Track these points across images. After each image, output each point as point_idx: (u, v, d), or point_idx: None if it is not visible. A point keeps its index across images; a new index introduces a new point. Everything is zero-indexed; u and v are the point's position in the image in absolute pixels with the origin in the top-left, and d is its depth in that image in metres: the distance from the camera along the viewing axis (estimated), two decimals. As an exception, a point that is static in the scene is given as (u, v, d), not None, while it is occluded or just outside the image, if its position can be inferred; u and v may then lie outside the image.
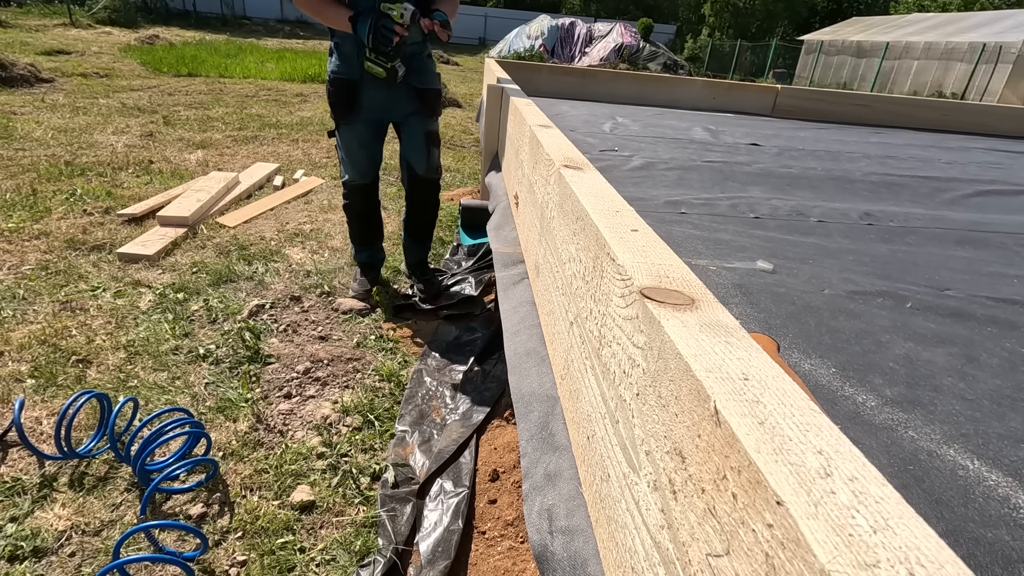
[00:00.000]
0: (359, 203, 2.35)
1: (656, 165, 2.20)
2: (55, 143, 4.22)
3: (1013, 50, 14.92)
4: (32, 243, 2.62)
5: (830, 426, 0.34)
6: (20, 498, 1.36)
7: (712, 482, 0.36)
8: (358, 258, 2.53)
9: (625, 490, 0.53)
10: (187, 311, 2.20)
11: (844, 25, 23.39)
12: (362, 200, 2.34)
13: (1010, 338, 1.06)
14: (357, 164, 2.22)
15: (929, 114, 4.08)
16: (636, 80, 4.11)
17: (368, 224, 2.43)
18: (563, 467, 0.77)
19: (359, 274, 2.51)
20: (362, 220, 2.40)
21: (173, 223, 2.90)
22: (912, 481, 0.68)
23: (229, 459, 1.53)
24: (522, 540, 1.32)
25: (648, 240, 0.62)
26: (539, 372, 0.97)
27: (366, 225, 2.43)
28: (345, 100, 2.07)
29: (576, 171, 0.89)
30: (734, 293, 1.16)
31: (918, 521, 0.27)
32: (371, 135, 2.19)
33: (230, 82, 8.11)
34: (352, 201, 2.33)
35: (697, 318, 0.46)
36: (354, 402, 1.79)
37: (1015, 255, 1.54)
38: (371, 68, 1.94)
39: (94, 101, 5.86)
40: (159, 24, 16.52)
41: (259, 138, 4.99)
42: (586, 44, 17.93)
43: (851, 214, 1.79)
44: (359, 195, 2.32)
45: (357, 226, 2.42)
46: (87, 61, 8.65)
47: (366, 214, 2.40)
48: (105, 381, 1.77)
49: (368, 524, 1.38)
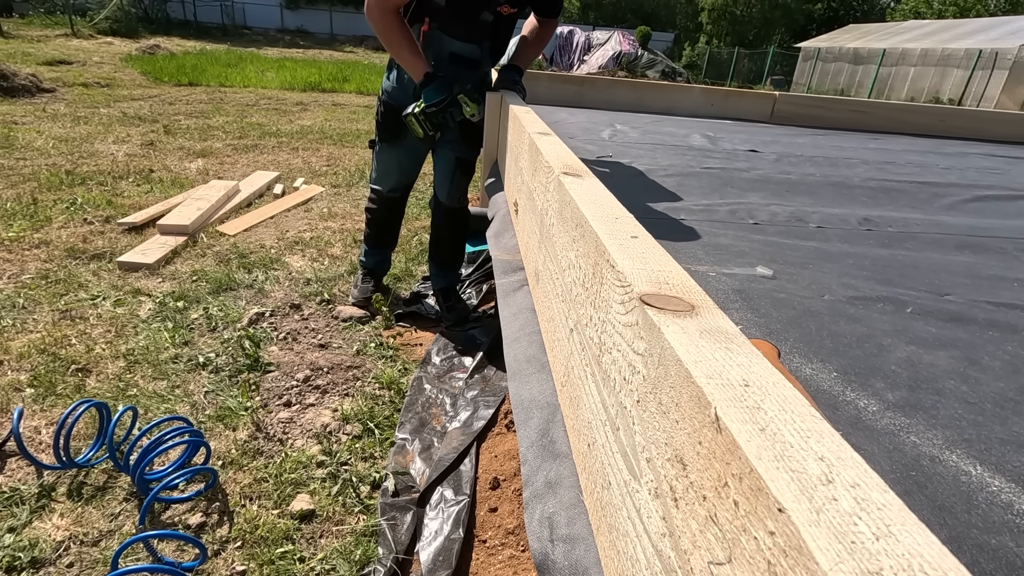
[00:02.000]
0: (384, 211, 2.34)
1: (655, 171, 2.20)
2: (56, 152, 4.23)
3: (1009, 56, 15.01)
4: (32, 252, 2.63)
5: (831, 432, 0.34)
6: (18, 508, 1.35)
7: (713, 489, 0.36)
8: (366, 262, 2.48)
9: (626, 498, 0.53)
10: (187, 319, 2.20)
11: (841, 32, 23.55)
12: (388, 210, 2.34)
13: (1011, 342, 1.06)
14: (391, 178, 2.23)
15: (926, 120, 4.09)
16: (634, 87, 4.13)
17: (387, 230, 2.41)
18: (564, 474, 0.77)
19: (360, 280, 2.47)
20: (382, 226, 2.39)
21: (173, 231, 2.91)
22: (914, 487, 0.67)
23: (228, 468, 1.53)
24: (523, 549, 1.31)
25: (647, 247, 0.62)
26: (539, 379, 0.97)
27: (384, 230, 2.41)
28: (393, 125, 2.05)
29: (575, 178, 0.90)
30: (734, 299, 1.16)
31: (921, 528, 0.27)
32: (412, 158, 2.20)
33: (230, 91, 8.15)
34: (378, 207, 2.33)
35: (697, 324, 0.46)
36: (354, 410, 1.78)
37: (1014, 259, 1.54)
38: (412, 125, 1.89)
39: (95, 111, 5.89)
40: (160, 34, 16.64)
41: (259, 147, 5.01)
42: (584, 52, 18.03)
43: (850, 219, 1.80)
44: (386, 205, 2.32)
45: (375, 230, 2.39)
46: (88, 71, 8.70)
47: (389, 222, 2.39)
48: (104, 390, 1.77)
49: (368, 533, 1.37)
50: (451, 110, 1.84)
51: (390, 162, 2.19)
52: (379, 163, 2.22)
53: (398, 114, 1.98)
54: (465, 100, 1.84)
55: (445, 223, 2.30)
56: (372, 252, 2.45)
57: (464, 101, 1.84)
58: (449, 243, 2.37)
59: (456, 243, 2.39)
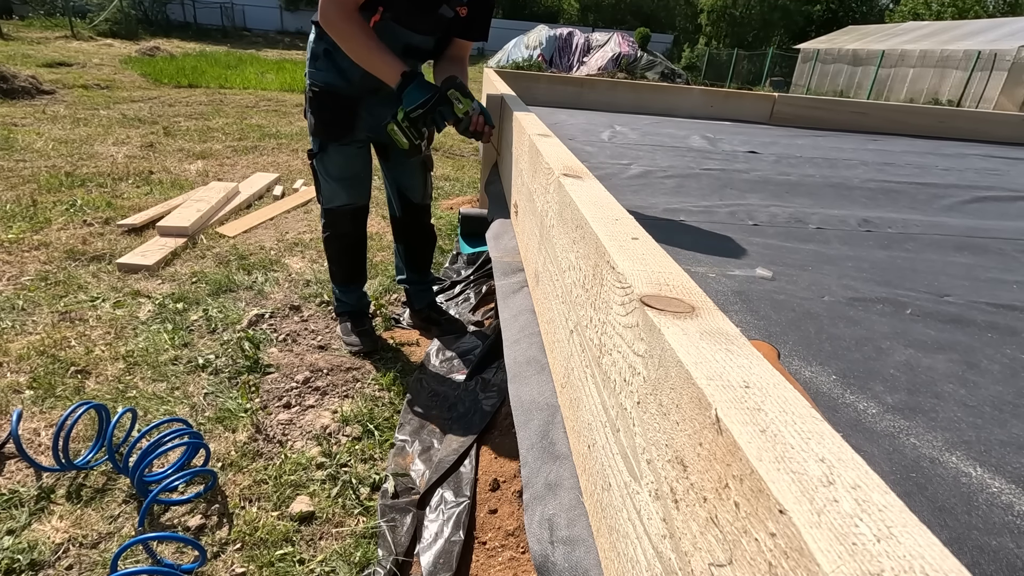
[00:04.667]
0: (351, 229, 2.00)
1: (655, 173, 2.21)
2: (56, 154, 4.23)
3: (1008, 57, 15.05)
4: (32, 254, 2.62)
5: (832, 434, 0.34)
6: (17, 510, 1.35)
7: (714, 491, 0.36)
8: (343, 305, 2.15)
9: (627, 499, 0.53)
10: (186, 321, 2.20)
11: (840, 33, 23.59)
12: (354, 225, 2.01)
13: (1011, 344, 1.06)
14: (353, 184, 1.92)
15: (926, 121, 4.10)
16: (634, 89, 4.14)
17: (358, 256, 2.09)
18: (564, 476, 0.76)
19: (350, 328, 2.15)
20: (352, 252, 2.06)
21: (173, 233, 2.91)
22: (915, 489, 0.67)
23: (228, 470, 1.53)
24: (523, 550, 1.31)
25: (648, 248, 0.62)
26: (539, 380, 0.97)
27: (355, 257, 2.08)
28: (343, 117, 1.79)
29: (575, 179, 0.90)
30: (734, 300, 1.16)
31: (922, 529, 0.27)
32: (364, 156, 1.91)
33: (230, 93, 8.16)
34: (342, 229, 1.99)
35: (697, 326, 0.46)
36: (354, 411, 1.78)
37: (1014, 261, 1.55)
38: (395, 135, 1.63)
39: (95, 112, 5.89)
40: (160, 36, 16.66)
41: (259, 148, 5.01)
42: (584, 54, 18.06)
43: (850, 221, 1.80)
44: (350, 220, 1.98)
45: (347, 260, 2.07)
46: (88, 73, 8.70)
47: (357, 244, 2.06)
48: (104, 392, 1.77)
49: (368, 535, 1.37)
50: (440, 109, 1.59)
51: (342, 168, 1.86)
52: (328, 173, 1.86)
53: (345, 102, 1.75)
54: (457, 96, 1.60)
55: (416, 221, 2.13)
56: (348, 289, 2.14)
57: (456, 97, 1.60)
58: (425, 241, 2.20)
59: (432, 238, 2.23)
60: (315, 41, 1.75)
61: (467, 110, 1.61)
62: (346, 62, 1.68)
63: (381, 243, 3.11)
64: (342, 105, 1.78)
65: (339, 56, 1.69)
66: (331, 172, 1.87)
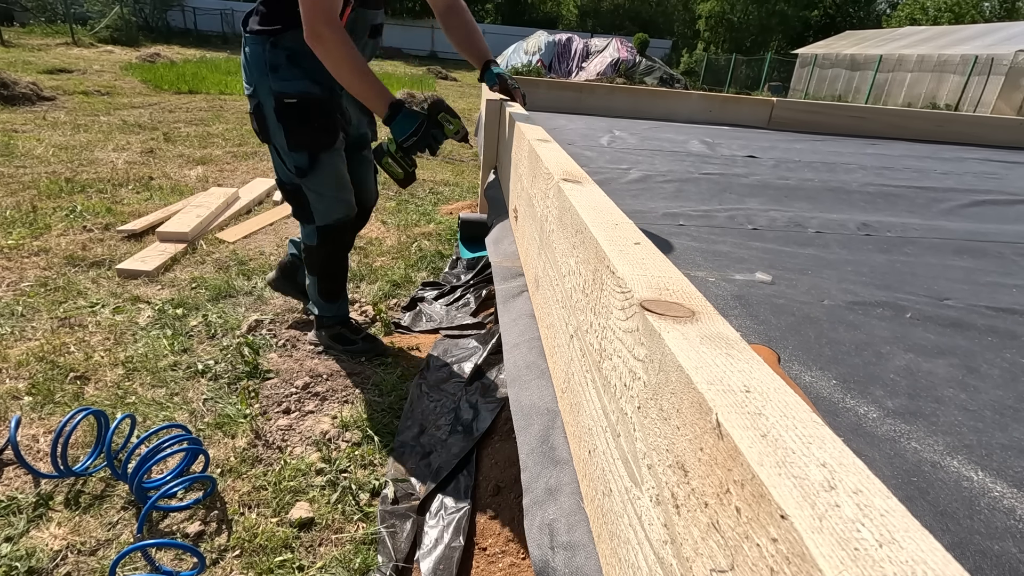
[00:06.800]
0: (348, 241, 1.97)
1: (654, 178, 2.21)
2: (56, 160, 4.24)
3: (1005, 62, 15.11)
4: (31, 259, 2.62)
5: (833, 438, 0.34)
6: (15, 517, 1.35)
7: (715, 496, 0.36)
8: (336, 315, 2.07)
9: (627, 504, 0.52)
10: (186, 327, 2.19)
11: (838, 39, 23.69)
12: (352, 233, 2.00)
13: (1010, 348, 1.06)
14: (347, 189, 1.84)
15: (924, 125, 4.12)
16: (633, 94, 4.15)
17: (345, 268, 2.03)
18: (564, 481, 0.76)
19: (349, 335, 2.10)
20: (343, 264, 2.00)
21: (173, 239, 2.91)
22: (916, 493, 0.67)
23: (227, 476, 1.52)
24: (523, 556, 1.31)
25: (647, 253, 0.62)
26: (539, 385, 0.97)
27: (343, 269, 2.02)
28: (332, 122, 1.72)
29: (575, 184, 0.90)
30: (734, 305, 1.16)
31: (924, 534, 0.27)
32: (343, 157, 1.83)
33: (230, 99, 8.18)
34: (342, 242, 1.93)
35: (697, 330, 0.46)
36: (353, 417, 1.78)
37: (1013, 264, 1.55)
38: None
39: (95, 118, 5.90)
40: (160, 42, 16.71)
41: (259, 154, 5.02)
42: (583, 59, 18.14)
43: (849, 225, 1.80)
44: (344, 233, 1.92)
45: (342, 272, 2.00)
46: (88, 79, 8.73)
47: (345, 254, 2.00)
48: (103, 398, 1.76)
49: (368, 541, 1.37)
50: (432, 132, 1.62)
51: (338, 175, 1.78)
52: (323, 185, 1.77)
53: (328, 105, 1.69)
54: (447, 118, 1.63)
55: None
56: (333, 303, 2.05)
57: (445, 120, 1.63)
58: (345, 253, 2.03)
59: None
60: (269, 51, 1.61)
61: (457, 129, 1.67)
62: (315, 63, 1.55)
63: (381, 248, 3.11)
64: (326, 110, 1.70)
65: (305, 59, 1.57)
66: (325, 184, 1.77)
